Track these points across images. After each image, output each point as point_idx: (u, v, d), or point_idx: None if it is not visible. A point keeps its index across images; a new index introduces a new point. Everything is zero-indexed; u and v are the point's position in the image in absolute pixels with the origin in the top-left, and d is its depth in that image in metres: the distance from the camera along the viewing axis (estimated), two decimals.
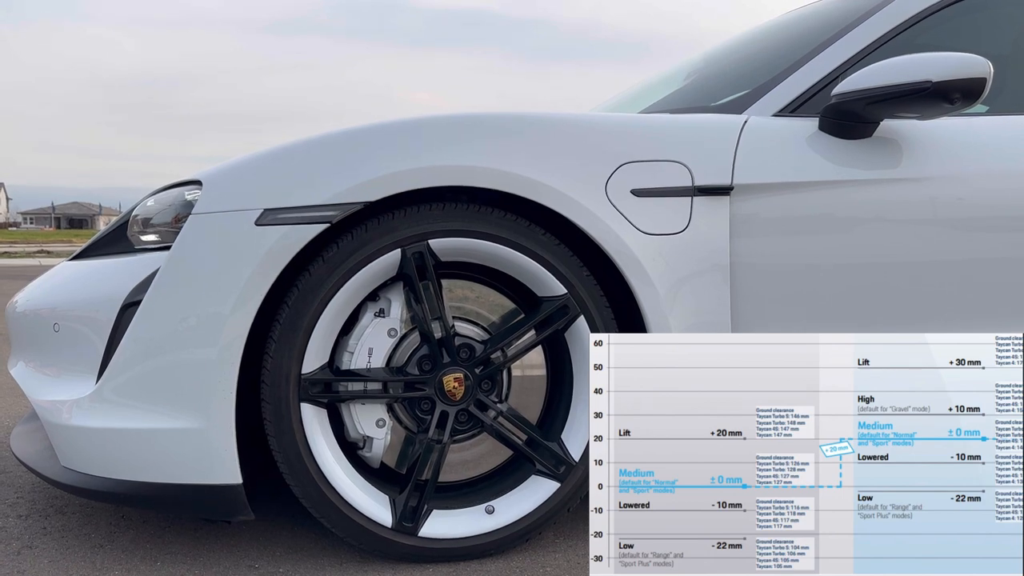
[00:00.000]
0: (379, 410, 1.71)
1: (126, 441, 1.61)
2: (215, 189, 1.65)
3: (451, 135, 1.67)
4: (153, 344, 1.60)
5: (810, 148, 1.84)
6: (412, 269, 1.66)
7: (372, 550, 1.68)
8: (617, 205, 1.71)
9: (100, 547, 1.78)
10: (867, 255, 1.82)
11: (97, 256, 1.88)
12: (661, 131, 1.81)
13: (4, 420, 2.97)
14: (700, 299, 1.74)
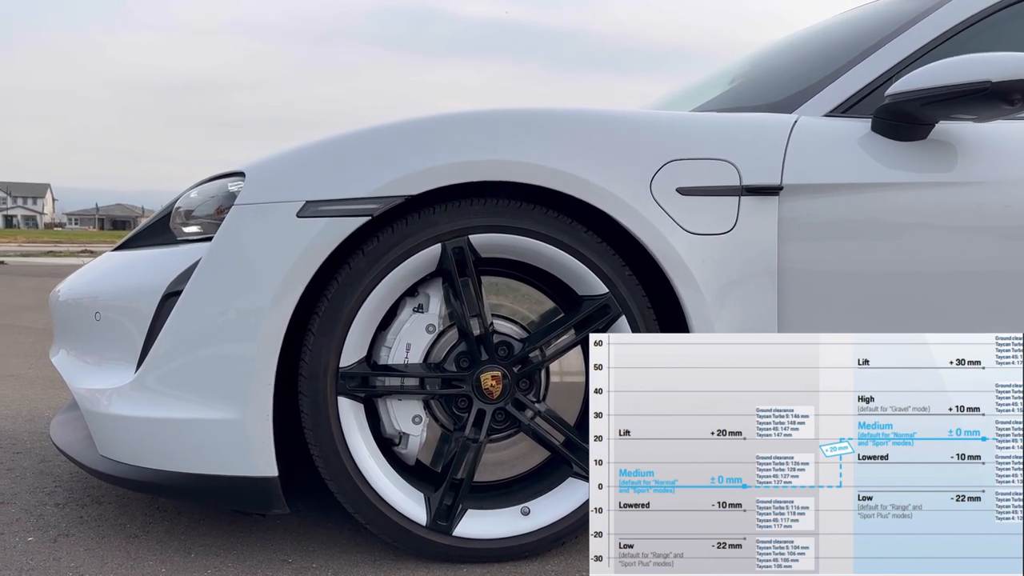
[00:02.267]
0: (416, 406, 1.69)
1: (163, 431, 1.60)
2: (258, 180, 1.65)
3: (494, 130, 1.65)
4: (193, 334, 1.60)
5: (862, 149, 1.79)
6: (452, 265, 1.64)
7: (406, 548, 1.66)
8: (662, 203, 1.67)
9: (135, 537, 1.78)
10: (920, 260, 1.76)
11: (139, 247, 1.88)
12: (708, 129, 1.77)
13: (45, 411, 3.01)
14: (746, 301, 1.70)
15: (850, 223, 1.75)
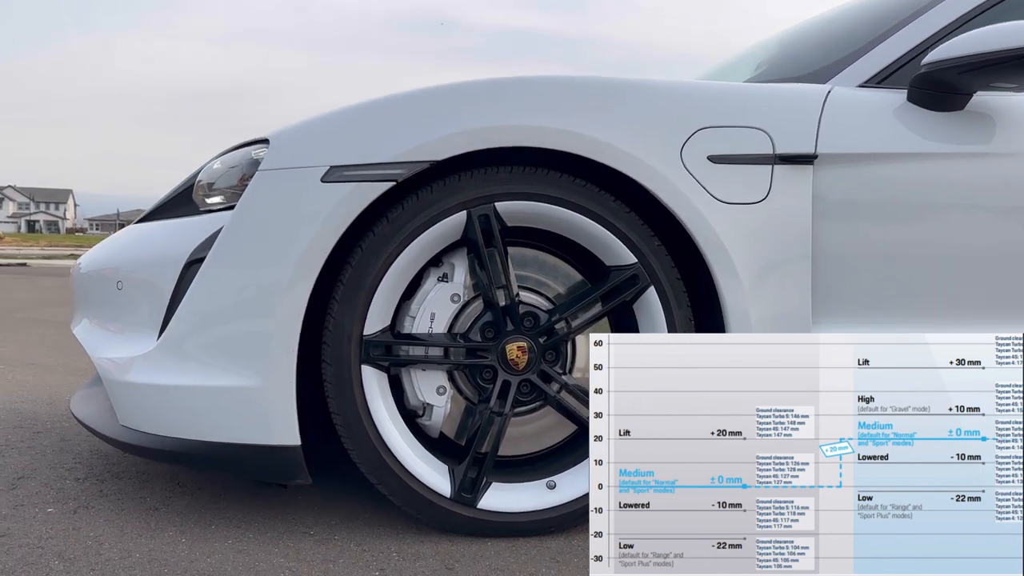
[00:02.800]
0: (440, 377, 1.66)
1: (185, 398, 1.58)
2: (282, 146, 1.63)
3: (522, 96, 1.62)
4: (215, 301, 1.58)
5: (898, 119, 1.75)
6: (477, 233, 1.61)
7: (429, 520, 1.63)
8: (692, 171, 1.63)
9: (155, 509, 1.76)
10: (956, 231, 1.72)
11: (161, 219, 1.87)
12: (740, 97, 1.73)
13: (65, 395, 3.01)
14: (779, 272, 1.66)
15: (886, 193, 1.71)
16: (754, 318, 1.63)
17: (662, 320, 1.68)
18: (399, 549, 1.57)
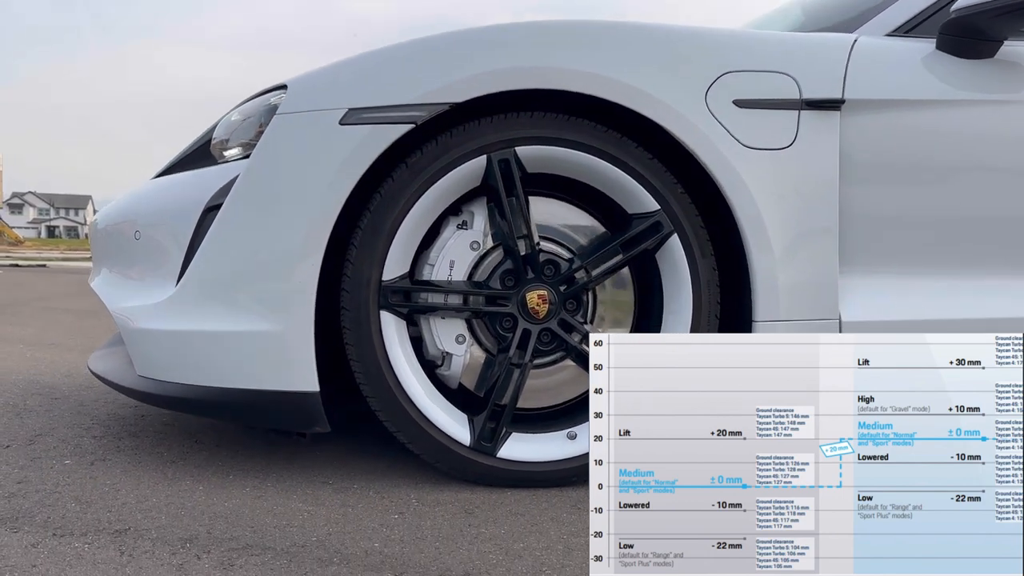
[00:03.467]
0: (459, 326, 1.64)
1: (203, 344, 1.57)
2: (300, 90, 1.61)
3: (544, 38, 1.60)
4: (233, 246, 1.56)
5: (926, 67, 1.71)
6: (498, 177, 1.59)
7: (448, 469, 1.60)
8: (717, 115, 1.61)
9: (172, 463, 1.75)
10: (986, 179, 1.69)
11: (179, 172, 1.86)
12: (766, 43, 1.70)
13: (83, 370, 3.01)
14: (805, 220, 1.63)
15: (914, 140, 1.68)
16: (779, 264, 1.60)
17: (685, 270, 1.65)
18: (418, 496, 1.55)
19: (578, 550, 1.30)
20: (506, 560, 1.26)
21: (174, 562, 1.22)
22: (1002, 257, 1.73)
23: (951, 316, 1.69)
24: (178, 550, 1.27)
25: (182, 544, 1.29)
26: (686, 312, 1.64)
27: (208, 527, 1.36)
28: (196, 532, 1.34)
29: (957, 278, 1.71)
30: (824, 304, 1.63)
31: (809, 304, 1.63)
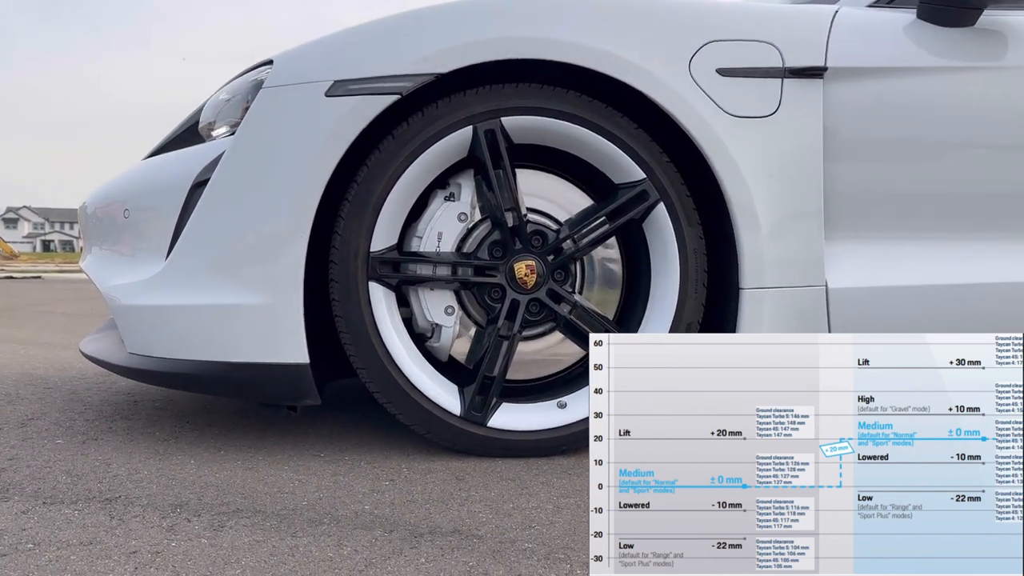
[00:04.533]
0: (448, 297, 1.65)
1: (193, 318, 1.57)
2: (286, 64, 1.62)
3: (530, 9, 1.61)
4: (221, 219, 1.57)
5: (908, 35, 1.73)
6: (484, 148, 1.60)
7: (439, 439, 1.61)
8: (701, 84, 1.62)
9: (164, 441, 1.75)
10: (965, 142, 1.71)
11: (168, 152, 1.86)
12: (749, 13, 1.71)
13: (76, 364, 3.01)
14: (790, 185, 1.64)
15: (896, 106, 1.69)
16: (765, 230, 1.61)
17: (672, 238, 1.66)
18: (409, 465, 1.55)
19: (567, 509, 1.30)
20: (495, 518, 1.26)
21: (164, 524, 1.22)
22: (986, 221, 1.75)
23: (936, 281, 1.70)
24: (168, 514, 1.27)
25: (172, 509, 1.29)
26: (673, 280, 1.65)
27: (199, 495, 1.37)
28: (187, 499, 1.34)
29: (943, 243, 1.72)
30: (811, 272, 1.64)
31: (795, 271, 1.64)
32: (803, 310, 1.64)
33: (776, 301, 1.63)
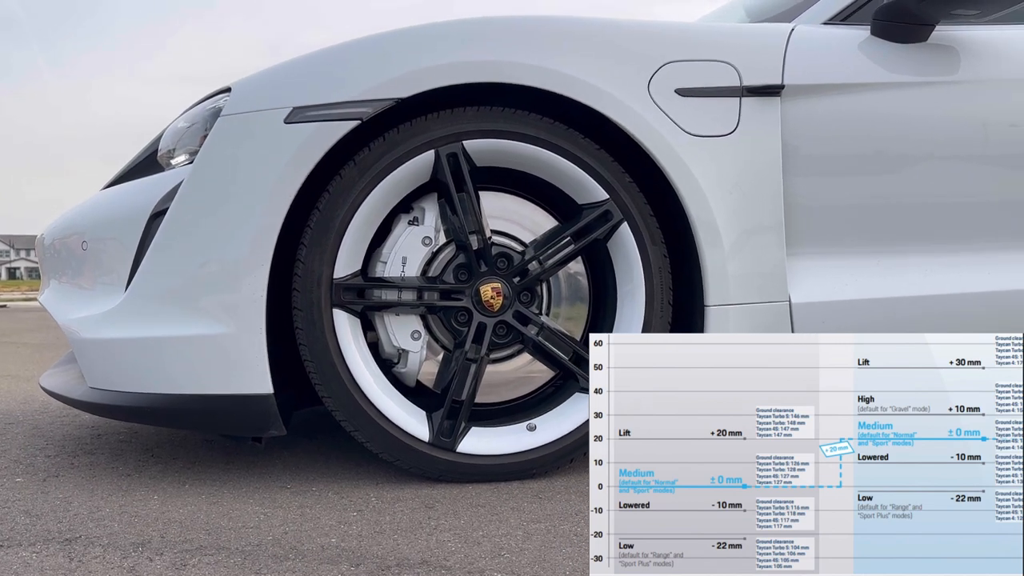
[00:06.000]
0: (414, 322, 1.63)
1: (154, 350, 1.55)
2: (244, 92, 1.61)
3: (487, 34, 1.61)
4: (181, 249, 1.55)
5: (862, 51, 1.75)
6: (446, 171, 1.59)
7: (408, 466, 1.59)
8: (661, 104, 1.63)
9: (127, 476, 1.71)
10: (920, 154, 1.74)
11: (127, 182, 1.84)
12: (705, 34, 1.73)
13: (40, 397, 2.95)
14: (751, 203, 1.65)
15: (852, 121, 1.71)
16: (727, 246, 1.62)
17: (637, 257, 1.66)
18: (378, 494, 1.54)
19: (537, 535, 1.29)
20: (465, 547, 1.25)
21: (125, 565, 1.19)
22: (946, 233, 1.77)
23: (898, 294, 1.72)
24: (129, 554, 1.24)
25: (134, 548, 1.26)
26: (639, 299, 1.65)
27: (162, 532, 1.34)
28: (149, 537, 1.31)
29: (903, 255, 1.74)
30: (773, 286, 1.65)
31: (758, 287, 1.65)
32: (767, 326, 1.65)
33: (741, 317, 1.64)
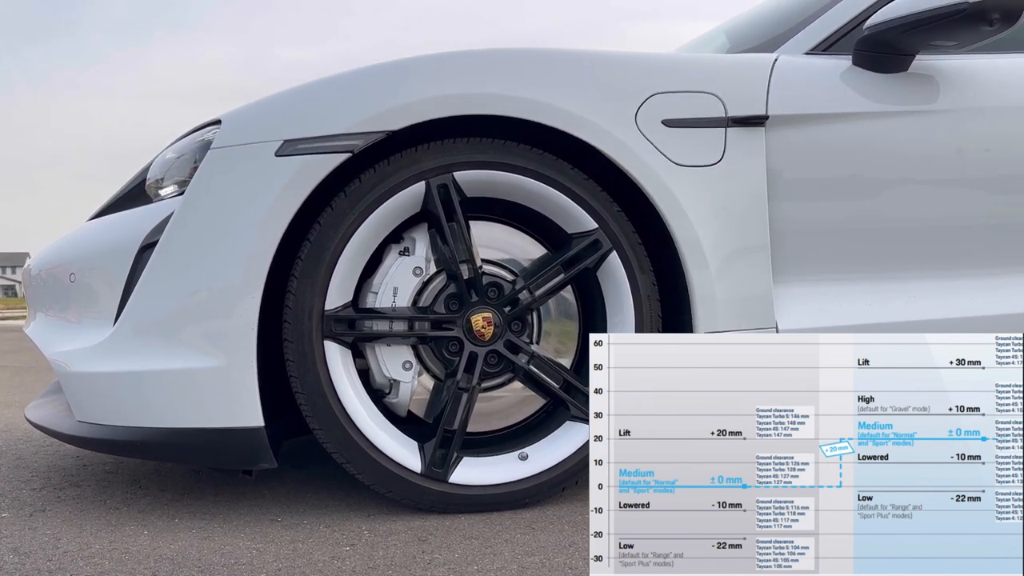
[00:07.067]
0: (405, 352, 1.64)
1: (143, 384, 1.54)
2: (234, 124, 1.62)
3: (477, 67, 1.63)
4: (170, 283, 1.55)
5: (844, 81, 1.79)
6: (437, 203, 1.60)
7: (400, 497, 1.59)
8: (648, 135, 1.65)
9: (116, 509, 1.70)
10: (902, 181, 1.77)
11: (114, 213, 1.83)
12: (691, 65, 1.76)
13: (21, 424, 2.91)
14: (737, 231, 1.67)
15: (836, 151, 1.75)
16: (715, 273, 1.64)
17: (626, 286, 1.67)
18: (370, 527, 1.53)
19: (531, 568, 1.29)
20: None
21: None
22: (929, 259, 1.80)
23: (885, 320, 1.75)
24: None
25: None
26: (629, 328, 1.66)
27: (153, 570, 1.33)
28: (140, 575, 1.30)
29: (888, 282, 1.77)
30: (760, 314, 1.67)
31: (746, 314, 1.66)
32: None
33: None
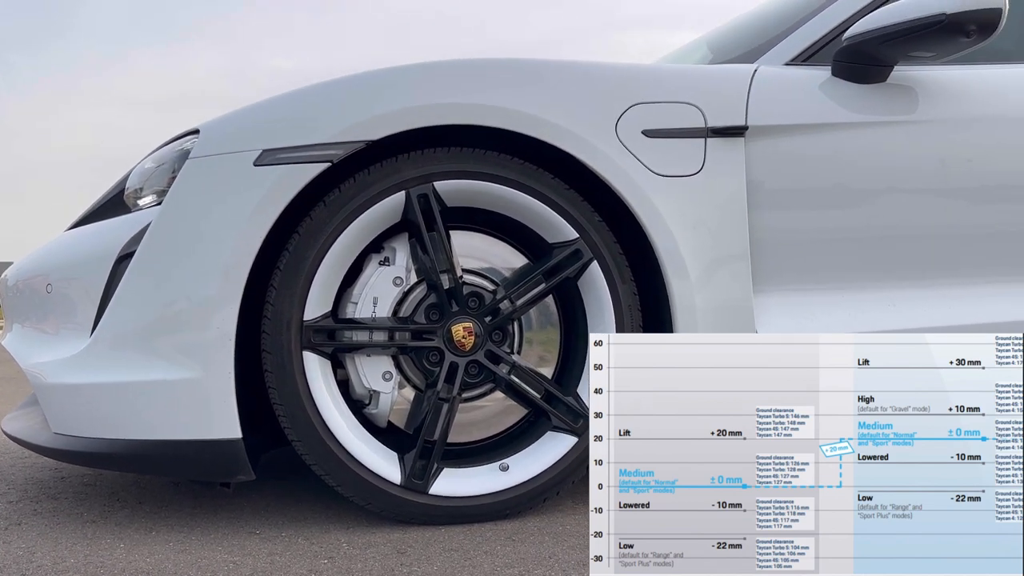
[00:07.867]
0: (385, 363, 1.63)
1: (120, 396, 1.53)
2: (213, 134, 1.61)
3: (458, 76, 1.63)
4: (147, 294, 1.53)
5: (824, 92, 1.79)
6: (417, 212, 1.60)
7: (380, 509, 1.58)
8: (628, 145, 1.65)
9: (92, 523, 1.68)
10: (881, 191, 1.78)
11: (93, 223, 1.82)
12: (671, 76, 1.77)
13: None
14: (717, 240, 1.67)
15: (815, 161, 1.75)
16: (695, 281, 1.64)
17: (607, 295, 1.67)
18: (349, 540, 1.52)
19: None
20: None
21: None
22: (909, 268, 1.80)
23: (862, 329, 1.75)
24: None
25: None
26: None
27: None
28: None
29: (867, 291, 1.77)
30: (741, 323, 1.67)
31: (726, 323, 1.66)
32: None
33: None
